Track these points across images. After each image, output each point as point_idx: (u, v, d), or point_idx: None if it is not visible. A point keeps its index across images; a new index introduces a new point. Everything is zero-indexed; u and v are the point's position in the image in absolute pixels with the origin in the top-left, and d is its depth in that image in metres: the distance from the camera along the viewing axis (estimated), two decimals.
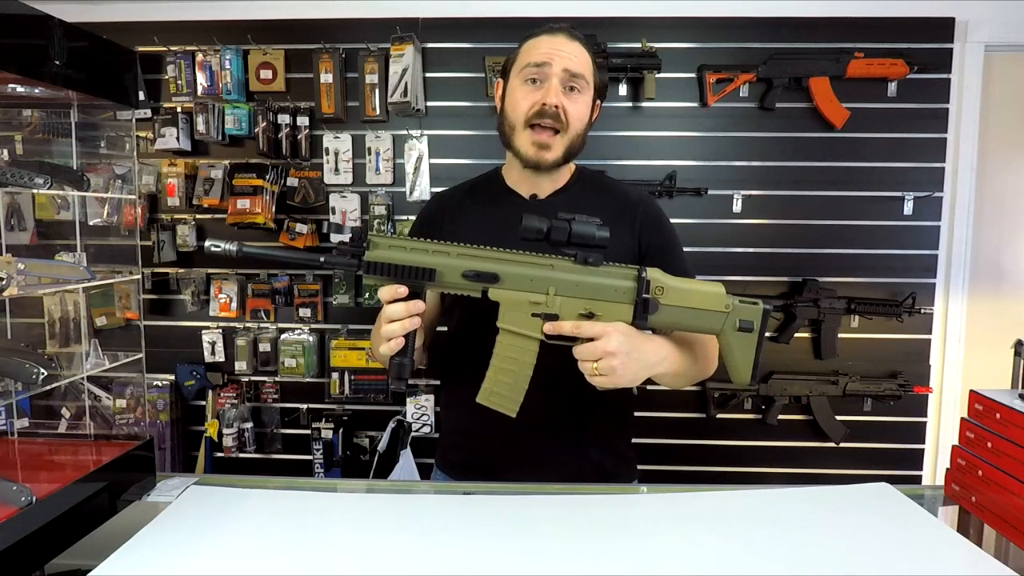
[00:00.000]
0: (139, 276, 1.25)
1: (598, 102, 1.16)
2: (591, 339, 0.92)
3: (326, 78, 2.20)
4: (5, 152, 1.39)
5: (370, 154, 2.25)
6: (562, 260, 0.93)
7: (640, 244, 1.13)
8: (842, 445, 2.28)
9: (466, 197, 1.22)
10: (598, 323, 0.93)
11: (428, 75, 2.24)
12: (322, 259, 0.89)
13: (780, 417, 2.27)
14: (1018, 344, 1.53)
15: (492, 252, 0.92)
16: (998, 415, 0.93)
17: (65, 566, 0.88)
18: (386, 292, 0.91)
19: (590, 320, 0.93)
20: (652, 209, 1.17)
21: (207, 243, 0.86)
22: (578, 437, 1.14)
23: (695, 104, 2.22)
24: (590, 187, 1.19)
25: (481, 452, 1.16)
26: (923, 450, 2.30)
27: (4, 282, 0.90)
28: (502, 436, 1.11)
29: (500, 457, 1.14)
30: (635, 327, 0.95)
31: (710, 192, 2.20)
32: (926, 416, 2.29)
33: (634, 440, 1.25)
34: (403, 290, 0.90)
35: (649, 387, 2.20)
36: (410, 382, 0.94)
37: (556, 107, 1.05)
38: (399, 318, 0.91)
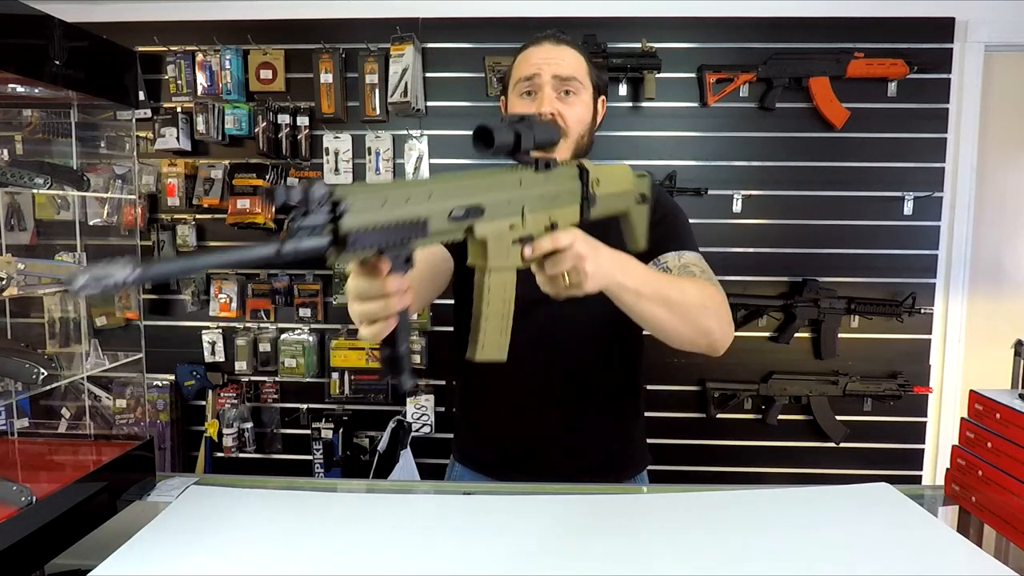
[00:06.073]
0: None
1: (602, 99, 1.15)
2: (555, 251, 0.79)
3: (326, 78, 2.20)
4: (5, 152, 1.40)
5: (370, 154, 2.25)
6: (526, 171, 0.81)
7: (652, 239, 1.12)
8: (842, 445, 2.28)
9: None
10: (561, 232, 0.81)
11: (428, 75, 2.24)
12: (279, 249, 0.54)
13: (780, 417, 2.27)
14: (1018, 344, 1.54)
15: (468, 179, 0.75)
16: (998, 415, 0.93)
17: (65, 566, 0.88)
18: (357, 286, 0.68)
19: (554, 232, 0.82)
20: (662, 204, 1.15)
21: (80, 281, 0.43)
22: (596, 429, 1.16)
23: (695, 104, 2.22)
24: None
25: (505, 442, 1.18)
26: (923, 450, 2.30)
27: (4, 282, 0.90)
28: (525, 432, 1.15)
29: (523, 451, 1.16)
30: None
31: (710, 192, 2.20)
32: (926, 416, 2.29)
33: None
34: (384, 266, 0.65)
35: (650, 387, 2.20)
36: (414, 381, 0.80)
37: (552, 115, 1.06)
38: (378, 306, 0.68)
